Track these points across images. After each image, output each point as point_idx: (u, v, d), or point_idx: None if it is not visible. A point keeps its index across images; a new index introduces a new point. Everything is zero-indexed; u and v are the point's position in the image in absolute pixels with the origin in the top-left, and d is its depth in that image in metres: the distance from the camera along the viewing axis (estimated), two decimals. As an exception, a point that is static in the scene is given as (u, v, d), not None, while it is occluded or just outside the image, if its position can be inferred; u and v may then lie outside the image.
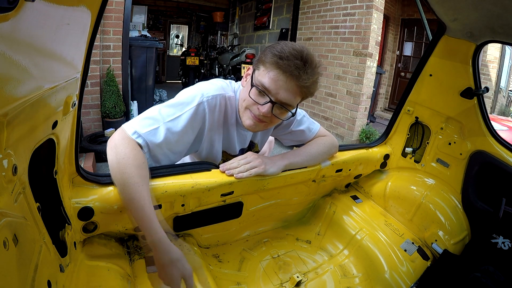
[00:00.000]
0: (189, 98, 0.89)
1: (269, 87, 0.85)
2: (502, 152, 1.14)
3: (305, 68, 0.83)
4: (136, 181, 0.73)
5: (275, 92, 0.85)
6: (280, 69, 0.83)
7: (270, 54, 0.85)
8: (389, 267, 1.15)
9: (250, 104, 0.90)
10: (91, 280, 0.72)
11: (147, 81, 3.86)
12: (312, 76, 0.86)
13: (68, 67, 0.62)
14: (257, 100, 0.88)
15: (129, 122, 0.83)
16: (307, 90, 0.88)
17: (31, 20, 0.40)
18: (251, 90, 0.88)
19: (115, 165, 0.74)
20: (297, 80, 0.84)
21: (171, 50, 9.59)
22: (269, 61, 0.85)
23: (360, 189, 1.54)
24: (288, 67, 0.82)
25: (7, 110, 0.41)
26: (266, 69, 0.86)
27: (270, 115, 0.89)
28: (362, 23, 3.85)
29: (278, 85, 0.85)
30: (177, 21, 9.42)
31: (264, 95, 0.87)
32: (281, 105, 0.88)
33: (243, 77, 0.98)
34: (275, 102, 0.87)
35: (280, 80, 0.84)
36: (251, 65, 0.95)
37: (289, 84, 0.84)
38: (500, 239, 1.07)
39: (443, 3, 1.04)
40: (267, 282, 1.09)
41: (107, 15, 3.08)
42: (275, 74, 0.84)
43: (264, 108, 0.87)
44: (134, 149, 0.77)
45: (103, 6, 0.67)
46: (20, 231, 0.46)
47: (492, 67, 5.87)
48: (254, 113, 0.90)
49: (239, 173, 0.95)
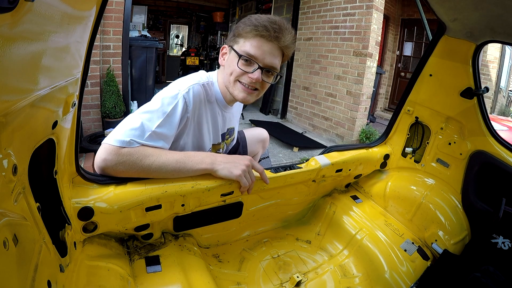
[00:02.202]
0: (167, 99, 0.90)
1: (255, 54, 0.91)
2: (502, 152, 1.14)
3: (282, 30, 0.91)
4: (153, 155, 0.83)
5: (262, 58, 0.92)
6: (262, 36, 0.90)
7: (247, 26, 0.92)
8: (389, 267, 1.15)
9: (240, 74, 0.95)
10: (91, 280, 0.72)
11: (147, 81, 3.86)
12: (290, 35, 0.94)
13: (68, 67, 0.62)
14: (246, 69, 0.94)
15: (112, 137, 0.82)
16: (287, 50, 0.96)
17: (31, 20, 0.40)
18: (239, 61, 0.93)
19: (127, 169, 0.82)
20: (278, 42, 0.92)
21: (171, 50, 9.59)
22: (248, 31, 0.91)
23: (360, 189, 1.54)
24: (268, 33, 0.90)
25: (7, 110, 0.41)
26: (247, 39, 0.92)
27: (260, 81, 0.95)
28: (362, 23, 3.85)
29: (263, 51, 0.91)
30: (177, 21, 9.42)
31: (251, 63, 0.93)
32: (269, 69, 0.95)
33: (220, 57, 1.04)
34: (263, 67, 0.93)
35: (264, 46, 0.91)
36: (225, 44, 1.02)
37: (272, 47, 0.92)
38: (500, 239, 1.07)
39: (443, 3, 1.04)
40: (267, 282, 1.09)
41: (107, 15, 3.08)
42: (258, 41, 0.91)
43: (255, 75, 0.93)
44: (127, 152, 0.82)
45: (103, 6, 0.67)
46: (20, 231, 0.46)
47: (492, 67, 5.88)
48: (245, 82, 0.95)
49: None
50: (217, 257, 1.13)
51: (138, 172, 0.83)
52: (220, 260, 1.12)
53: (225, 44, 1.01)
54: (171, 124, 0.89)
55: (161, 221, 0.95)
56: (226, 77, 0.99)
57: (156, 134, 0.86)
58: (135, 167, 0.82)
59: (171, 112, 0.89)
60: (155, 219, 0.90)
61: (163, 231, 1.00)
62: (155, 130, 0.85)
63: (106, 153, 0.80)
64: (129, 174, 0.84)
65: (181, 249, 0.97)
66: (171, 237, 1.01)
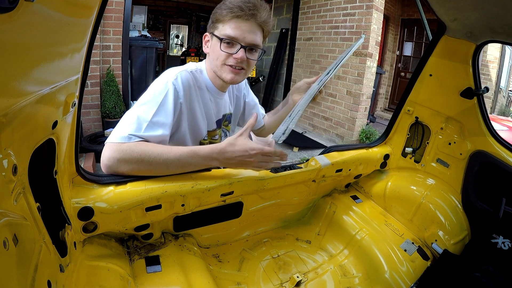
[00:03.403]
0: (158, 89, 0.92)
1: (235, 35, 0.94)
2: (502, 152, 1.14)
3: (256, 7, 0.94)
4: (156, 151, 0.83)
5: (242, 38, 0.94)
6: (238, 17, 0.93)
7: (222, 11, 0.94)
8: (389, 267, 1.15)
9: (225, 57, 0.97)
10: (91, 280, 0.72)
11: (147, 81, 3.86)
12: (266, 11, 0.97)
13: (68, 67, 0.61)
14: (230, 51, 0.96)
15: (113, 135, 0.84)
16: (266, 25, 0.98)
17: (31, 20, 0.40)
18: (221, 45, 0.96)
19: (131, 166, 0.82)
20: (255, 18, 0.94)
21: (171, 50, 9.58)
22: (224, 15, 0.94)
23: (360, 189, 1.54)
24: (243, 12, 0.92)
25: (7, 110, 0.41)
26: (225, 23, 0.95)
27: (245, 59, 0.97)
28: (362, 23, 3.85)
29: (242, 30, 0.94)
30: (177, 21, 9.41)
31: (234, 44, 0.96)
32: (251, 47, 0.98)
33: (203, 45, 1.07)
34: (245, 46, 0.95)
35: (242, 25, 0.94)
36: (206, 32, 1.04)
37: (250, 25, 0.95)
38: (500, 239, 1.07)
39: (443, 3, 1.04)
40: (267, 282, 1.09)
41: (107, 15, 3.08)
42: (235, 22, 0.94)
43: (239, 54, 0.95)
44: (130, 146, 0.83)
45: (103, 6, 0.67)
46: (20, 231, 0.46)
47: (492, 67, 5.88)
48: (231, 64, 0.97)
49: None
50: (217, 257, 1.13)
51: (141, 167, 0.83)
52: (220, 260, 1.12)
53: (207, 32, 1.04)
54: (166, 112, 0.90)
55: (161, 221, 0.95)
56: (213, 63, 1.01)
57: (154, 124, 0.87)
58: (138, 162, 0.82)
59: (163, 101, 0.90)
60: (155, 219, 0.90)
61: (163, 231, 1.00)
62: (151, 120, 0.86)
63: (109, 151, 0.82)
64: (133, 170, 0.83)
65: (181, 249, 0.97)
66: (171, 237, 1.01)
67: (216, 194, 0.95)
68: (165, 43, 8.89)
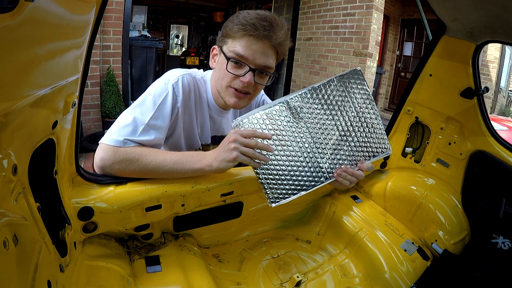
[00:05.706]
0: (157, 90, 0.89)
1: (245, 54, 0.84)
2: (502, 152, 1.14)
3: (273, 27, 0.83)
4: (150, 155, 0.82)
5: (252, 58, 0.85)
6: (250, 35, 0.83)
7: (234, 26, 0.84)
8: (389, 267, 1.15)
9: (230, 79, 0.88)
10: (91, 280, 0.72)
11: (147, 81, 3.86)
12: (282, 32, 0.86)
13: (68, 67, 0.61)
14: (237, 73, 0.87)
15: (108, 135, 0.81)
16: (281, 48, 0.87)
17: (31, 20, 0.40)
18: (228, 65, 0.86)
19: (127, 169, 0.81)
20: (269, 40, 0.83)
21: (171, 50, 9.58)
22: (236, 31, 0.84)
23: (360, 189, 1.54)
24: (257, 31, 0.82)
25: (7, 110, 0.41)
26: (235, 39, 0.85)
27: (253, 83, 0.88)
28: (362, 23, 3.85)
29: (253, 50, 0.84)
30: (177, 21, 9.41)
31: (242, 66, 0.86)
32: (261, 70, 0.87)
33: (210, 59, 0.97)
34: (255, 68, 0.86)
35: (254, 45, 0.83)
36: (215, 45, 0.95)
37: (264, 46, 0.84)
38: (500, 239, 1.07)
39: (443, 3, 1.04)
40: (267, 282, 1.09)
41: (107, 15, 3.08)
42: (246, 41, 0.83)
43: (246, 78, 0.85)
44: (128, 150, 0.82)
45: (103, 6, 0.67)
46: (20, 231, 0.46)
47: (492, 67, 5.88)
48: (237, 87, 0.88)
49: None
50: (217, 257, 1.13)
51: (135, 171, 0.83)
52: (220, 260, 1.12)
53: (215, 44, 0.95)
54: (164, 115, 0.88)
55: (161, 221, 0.95)
56: (217, 82, 0.93)
57: (150, 127, 0.85)
58: (132, 166, 0.82)
59: (162, 103, 0.87)
60: (155, 219, 0.90)
61: (163, 231, 1.00)
62: (148, 122, 0.85)
63: (102, 152, 0.81)
64: (126, 173, 0.83)
65: (181, 249, 0.97)
66: (171, 237, 1.01)
67: (216, 194, 0.95)
68: (165, 43, 8.89)
